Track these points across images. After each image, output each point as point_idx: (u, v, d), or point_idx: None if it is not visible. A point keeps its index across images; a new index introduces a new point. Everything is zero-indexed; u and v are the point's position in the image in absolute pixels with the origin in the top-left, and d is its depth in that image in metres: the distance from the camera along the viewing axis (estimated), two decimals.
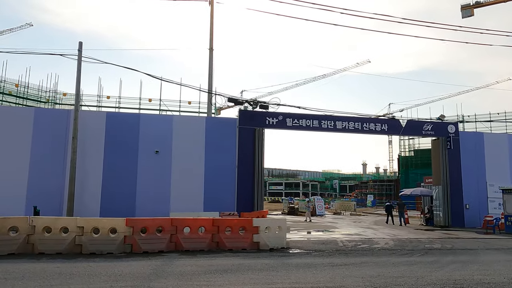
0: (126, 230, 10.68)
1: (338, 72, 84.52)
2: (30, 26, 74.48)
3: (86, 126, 19.84)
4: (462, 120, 48.88)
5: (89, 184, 19.62)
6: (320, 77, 78.36)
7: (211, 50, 23.31)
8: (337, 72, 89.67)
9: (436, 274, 8.25)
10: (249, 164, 21.43)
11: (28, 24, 73.69)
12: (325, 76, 78.96)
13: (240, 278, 7.62)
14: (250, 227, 11.98)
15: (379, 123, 23.28)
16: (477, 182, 23.86)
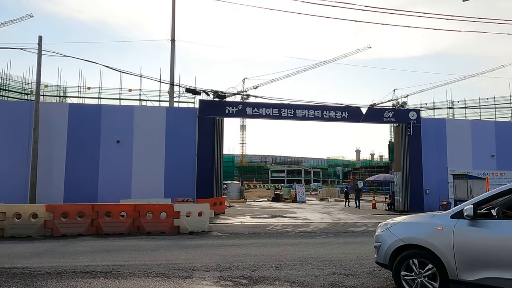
0: (47, 215, 11.55)
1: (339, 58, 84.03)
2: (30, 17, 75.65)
3: (50, 118, 20.77)
4: (451, 106, 48.63)
5: (53, 173, 20.63)
6: (321, 63, 78.09)
7: (173, 41, 23.92)
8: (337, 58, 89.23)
9: (304, 252, 8.89)
10: (208, 152, 22.16)
11: (28, 15, 74.85)
12: (326, 62, 78.57)
13: (114, 256, 8.41)
14: (171, 212, 12.74)
15: (339, 111, 23.69)
16: (438, 168, 24.17)
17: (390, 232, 5.75)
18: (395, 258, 5.49)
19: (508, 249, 4.54)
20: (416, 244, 5.31)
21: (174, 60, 23.48)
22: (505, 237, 4.62)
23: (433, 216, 5.58)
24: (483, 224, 4.88)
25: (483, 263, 4.71)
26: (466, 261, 4.83)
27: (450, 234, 4.98)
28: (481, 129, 25.38)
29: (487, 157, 24.90)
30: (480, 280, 4.71)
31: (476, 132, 25.07)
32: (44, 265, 7.37)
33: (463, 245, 4.88)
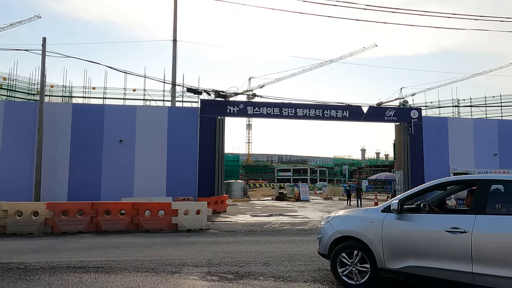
0: (47, 213, 11.84)
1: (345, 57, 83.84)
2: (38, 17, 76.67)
3: (54, 118, 21.16)
4: (457, 104, 48.32)
5: (57, 171, 21.03)
6: (327, 62, 77.98)
7: (175, 41, 24.19)
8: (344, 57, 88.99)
9: (294, 249, 9.05)
10: (210, 152, 22.42)
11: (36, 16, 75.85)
12: (332, 61, 78.49)
13: (109, 252, 8.65)
14: (169, 210, 12.98)
15: (340, 110, 23.78)
16: (440, 166, 24.12)
17: (330, 224, 6.22)
18: (333, 248, 5.97)
19: (426, 240, 5.04)
20: (351, 236, 5.80)
21: (176, 60, 23.80)
22: (424, 230, 5.12)
23: (367, 210, 6.10)
24: (408, 217, 5.35)
25: (406, 253, 5.18)
26: (392, 251, 5.31)
27: (380, 227, 5.47)
28: (484, 127, 25.30)
29: (489, 155, 24.81)
30: (403, 268, 5.19)
31: (478, 131, 24.99)
32: (39, 260, 7.62)
33: (390, 237, 5.36)
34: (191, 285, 5.96)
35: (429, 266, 4.95)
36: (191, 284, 6.01)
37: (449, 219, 5.00)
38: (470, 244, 4.63)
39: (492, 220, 4.71)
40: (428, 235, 5.04)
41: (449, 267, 4.78)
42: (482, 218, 4.72)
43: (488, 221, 4.69)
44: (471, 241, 4.62)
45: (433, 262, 4.93)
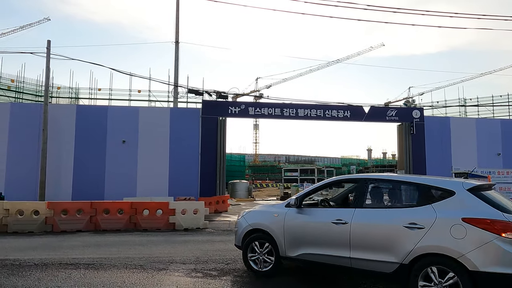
0: (48, 212, 12.16)
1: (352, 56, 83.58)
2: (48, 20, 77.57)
3: (58, 119, 21.58)
4: (464, 104, 47.96)
5: (61, 172, 21.45)
6: (334, 62, 77.82)
7: (177, 43, 24.48)
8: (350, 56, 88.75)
9: None
10: (211, 152, 22.64)
11: (46, 18, 76.85)
12: (339, 61, 78.26)
13: (102, 250, 8.90)
14: (166, 209, 13.21)
15: (342, 110, 23.83)
16: (442, 166, 23.97)
17: (244, 219, 6.94)
18: (246, 240, 6.68)
19: (317, 230, 5.85)
20: (260, 229, 6.53)
21: (178, 62, 24.10)
22: (316, 222, 5.91)
23: (274, 205, 7.01)
24: (306, 211, 6.13)
25: (302, 242, 5.96)
26: (292, 241, 6.07)
27: (282, 220, 6.23)
28: (487, 127, 25.14)
29: (493, 155, 24.64)
30: (299, 256, 5.97)
31: (481, 130, 24.84)
32: (34, 257, 7.90)
33: (290, 229, 6.12)
34: (174, 281, 6.16)
35: (318, 253, 5.74)
36: (174, 280, 6.21)
37: (336, 213, 5.82)
38: (349, 233, 5.45)
39: (366, 212, 5.54)
40: (319, 226, 5.85)
41: (334, 253, 5.58)
42: (360, 211, 5.56)
43: (363, 213, 5.52)
44: (350, 231, 5.45)
45: (322, 250, 5.72)
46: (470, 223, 4.64)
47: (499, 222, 4.57)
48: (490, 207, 4.80)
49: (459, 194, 4.99)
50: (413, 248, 4.87)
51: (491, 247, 4.49)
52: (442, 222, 4.82)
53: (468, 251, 4.55)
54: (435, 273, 4.71)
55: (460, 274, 4.55)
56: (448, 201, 4.99)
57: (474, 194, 4.97)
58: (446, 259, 4.68)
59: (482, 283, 4.47)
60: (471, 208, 4.82)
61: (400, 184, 5.76)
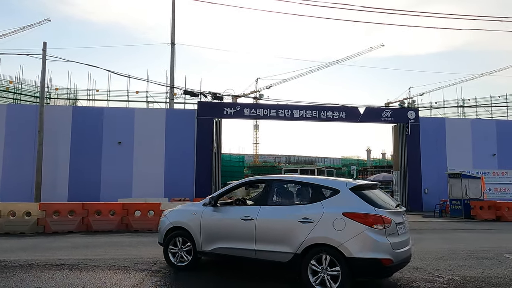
0: (39, 213, 12.27)
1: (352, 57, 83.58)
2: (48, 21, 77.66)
3: (54, 120, 21.72)
4: (462, 105, 47.94)
5: (57, 173, 21.58)
6: (334, 62, 77.83)
7: (173, 44, 24.58)
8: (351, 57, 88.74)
9: None
10: (207, 153, 22.76)
11: (46, 19, 76.93)
12: (339, 61, 78.38)
13: (90, 251, 9.00)
14: (158, 210, 13.29)
15: (337, 111, 23.92)
16: (437, 167, 24.09)
17: (166, 218, 7.40)
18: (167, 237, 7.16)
19: (228, 226, 6.42)
20: (180, 226, 7.01)
21: (174, 63, 24.20)
22: (228, 219, 6.49)
23: (193, 204, 7.48)
24: (220, 210, 6.68)
25: (216, 237, 6.50)
26: (207, 237, 6.59)
27: (199, 218, 6.75)
28: (482, 128, 25.19)
29: (488, 156, 24.70)
30: (214, 250, 6.51)
31: (476, 131, 24.89)
32: (21, 258, 7.99)
33: (206, 226, 6.64)
34: (154, 282, 6.24)
35: (229, 246, 6.31)
36: (154, 280, 6.29)
37: (245, 210, 6.40)
38: (254, 228, 6.06)
39: (269, 210, 6.16)
40: (230, 222, 6.42)
41: (242, 246, 6.17)
42: (264, 208, 6.19)
43: (267, 210, 6.15)
44: (255, 226, 6.06)
45: (232, 243, 6.29)
46: (348, 217, 5.42)
47: (370, 216, 5.39)
48: (365, 203, 5.56)
49: (343, 192, 5.74)
50: (304, 240, 5.58)
51: (363, 236, 5.30)
52: (328, 216, 5.55)
53: (345, 240, 5.32)
54: (322, 260, 5.45)
55: (339, 260, 5.31)
56: (334, 199, 5.74)
57: (355, 192, 5.72)
58: (329, 248, 5.41)
59: (356, 267, 5.26)
60: (351, 204, 5.57)
61: (299, 184, 6.54)
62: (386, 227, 5.37)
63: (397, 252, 5.45)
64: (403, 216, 6.05)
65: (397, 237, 5.56)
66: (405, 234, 5.91)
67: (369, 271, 5.39)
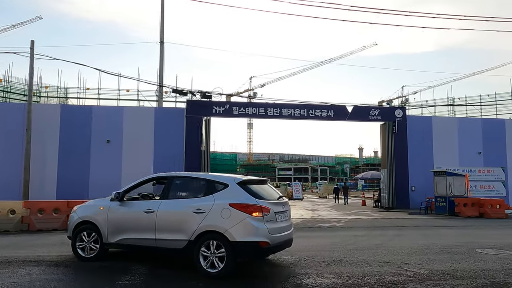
0: (24, 211, 12.35)
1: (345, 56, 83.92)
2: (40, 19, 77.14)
3: (42, 119, 21.69)
4: (452, 103, 48.37)
5: (45, 171, 21.57)
6: (328, 61, 78.13)
7: (162, 43, 24.64)
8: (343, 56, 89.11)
9: None
10: (196, 151, 22.85)
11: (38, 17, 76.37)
12: (332, 60, 78.69)
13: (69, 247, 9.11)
14: None
15: (325, 110, 24.09)
16: (424, 165, 24.36)
17: (75, 213, 7.83)
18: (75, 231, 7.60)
19: (133, 219, 7.00)
20: (88, 220, 7.48)
21: (163, 62, 24.27)
22: (133, 212, 7.08)
23: (101, 200, 7.81)
24: (126, 204, 7.28)
25: (121, 229, 7.05)
26: (113, 229, 7.13)
27: (106, 212, 7.29)
28: (468, 126, 25.51)
29: (474, 154, 25.03)
30: (119, 241, 7.08)
31: (462, 130, 25.20)
32: (1, 255, 8.09)
33: (112, 219, 7.19)
34: None
35: (133, 237, 6.92)
36: None
37: (148, 204, 7.04)
38: (155, 220, 6.72)
39: (169, 203, 6.87)
40: (134, 215, 7.01)
41: (144, 236, 6.81)
42: (165, 201, 6.90)
43: (167, 203, 6.84)
44: (156, 218, 6.72)
45: (135, 234, 6.90)
46: (233, 207, 6.28)
47: (252, 206, 6.28)
48: (249, 195, 6.45)
49: (231, 186, 6.62)
50: (197, 228, 6.35)
51: (245, 223, 6.18)
52: (217, 207, 6.37)
53: (230, 227, 6.17)
54: (211, 244, 6.24)
55: (225, 244, 6.14)
56: (223, 192, 6.58)
57: (241, 186, 6.60)
58: (217, 234, 6.22)
59: (239, 249, 6.11)
60: (237, 196, 6.44)
61: (196, 180, 7.26)
62: (265, 215, 6.30)
63: (274, 236, 6.37)
64: (284, 206, 6.98)
65: (276, 223, 6.51)
66: (285, 222, 6.88)
67: (250, 252, 6.27)
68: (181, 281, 6.25)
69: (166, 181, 7.24)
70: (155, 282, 6.13)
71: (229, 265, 6.13)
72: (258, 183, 7.10)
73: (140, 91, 34.09)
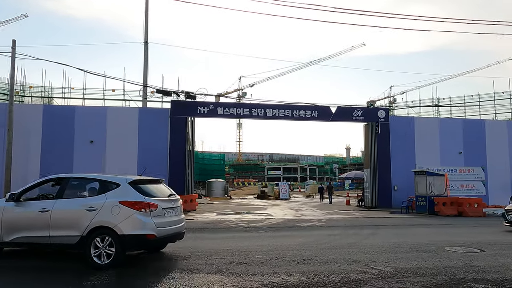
0: None
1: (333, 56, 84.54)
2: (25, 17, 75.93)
3: (24, 119, 21.53)
4: (437, 104, 49.08)
5: (28, 172, 21.41)
6: (316, 61, 78.59)
7: (146, 43, 24.61)
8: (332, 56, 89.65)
9: (214, 246, 9.56)
10: (180, 152, 22.87)
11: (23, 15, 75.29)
12: (321, 60, 79.13)
13: None
14: None
15: (309, 110, 24.32)
16: (406, 164, 24.69)
17: None
18: None
19: (28, 218, 7.35)
20: None
21: (147, 62, 24.27)
22: (28, 211, 7.41)
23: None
24: (23, 204, 7.58)
25: (16, 229, 7.36)
26: (8, 229, 7.41)
27: (1, 213, 7.53)
28: (449, 126, 25.97)
29: (455, 153, 25.47)
30: (13, 239, 7.38)
31: (444, 130, 25.65)
32: None
33: (7, 219, 7.46)
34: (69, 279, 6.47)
35: (28, 235, 7.27)
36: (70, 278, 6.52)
37: (43, 203, 7.41)
38: (49, 218, 7.14)
39: (63, 202, 7.32)
40: (29, 215, 7.36)
41: (39, 234, 7.19)
42: (59, 201, 7.34)
43: (61, 203, 7.29)
44: (50, 216, 7.14)
45: (31, 232, 7.25)
46: (122, 204, 6.96)
47: (139, 203, 7.02)
48: (138, 193, 7.16)
49: (122, 186, 7.25)
50: (89, 224, 6.90)
51: (133, 218, 6.91)
52: (108, 204, 6.99)
53: (119, 222, 6.85)
54: (102, 239, 6.85)
55: (114, 238, 6.79)
56: (115, 191, 7.19)
57: (132, 186, 7.27)
58: (107, 229, 6.85)
59: (127, 241, 6.84)
60: (126, 195, 7.10)
61: (90, 180, 7.79)
62: (152, 211, 7.06)
63: (161, 229, 7.18)
64: (173, 203, 7.79)
65: (163, 218, 7.29)
66: (175, 216, 7.72)
67: (138, 244, 7.19)
68: (74, 273, 6.77)
69: (62, 182, 7.71)
70: (49, 275, 6.74)
71: (119, 257, 6.81)
72: (151, 183, 7.87)
73: (126, 91, 34.05)
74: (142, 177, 7.91)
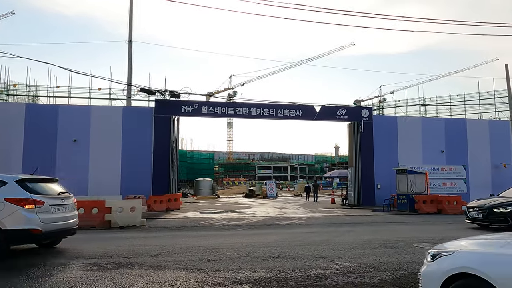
0: None
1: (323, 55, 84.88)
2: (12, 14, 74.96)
3: (6, 118, 21.40)
4: (423, 103, 49.64)
5: (10, 171, 21.22)
6: (306, 60, 78.99)
7: (130, 42, 24.57)
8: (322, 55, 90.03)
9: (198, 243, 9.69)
10: (164, 150, 22.91)
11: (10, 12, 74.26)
12: (311, 59, 79.62)
13: None
14: (102, 208, 13.52)
15: (294, 109, 24.50)
16: (389, 163, 24.98)
17: None
18: None
19: None
20: None
21: (131, 61, 24.25)
22: None
23: None
24: None
25: None
26: None
27: None
28: (432, 126, 26.36)
29: (437, 152, 25.86)
30: None
31: (426, 129, 26.03)
32: None
33: None
34: (65, 276, 6.50)
35: None
36: (64, 275, 6.54)
37: None
38: None
39: None
40: None
41: None
42: None
43: None
44: None
45: None
46: (7, 201, 7.43)
47: (25, 199, 7.54)
48: (24, 191, 7.65)
49: (9, 184, 7.70)
50: None
51: (17, 214, 7.42)
52: None
53: (3, 217, 7.30)
54: None
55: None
56: (1, 188, 7.59)
57: (19, 184, 7.73)
58: None
59: (12, 236, 7.36)
60: (13, 192, 7.57)
61: None
62: (38, 207, 7.58)
63: (47, 225, 7.69)
64: (63, 200, 8.40)
65: (51, 214, 7.85)
66: (64, 213, 8.32)
67: (23, 238, 7.67)
68: None
69: None
70: None
71: (3, 250, 7.32)
72: (42, 182, 8.35)
73: (112, 89, 33.83)
74: (32, 176, 8.42)
